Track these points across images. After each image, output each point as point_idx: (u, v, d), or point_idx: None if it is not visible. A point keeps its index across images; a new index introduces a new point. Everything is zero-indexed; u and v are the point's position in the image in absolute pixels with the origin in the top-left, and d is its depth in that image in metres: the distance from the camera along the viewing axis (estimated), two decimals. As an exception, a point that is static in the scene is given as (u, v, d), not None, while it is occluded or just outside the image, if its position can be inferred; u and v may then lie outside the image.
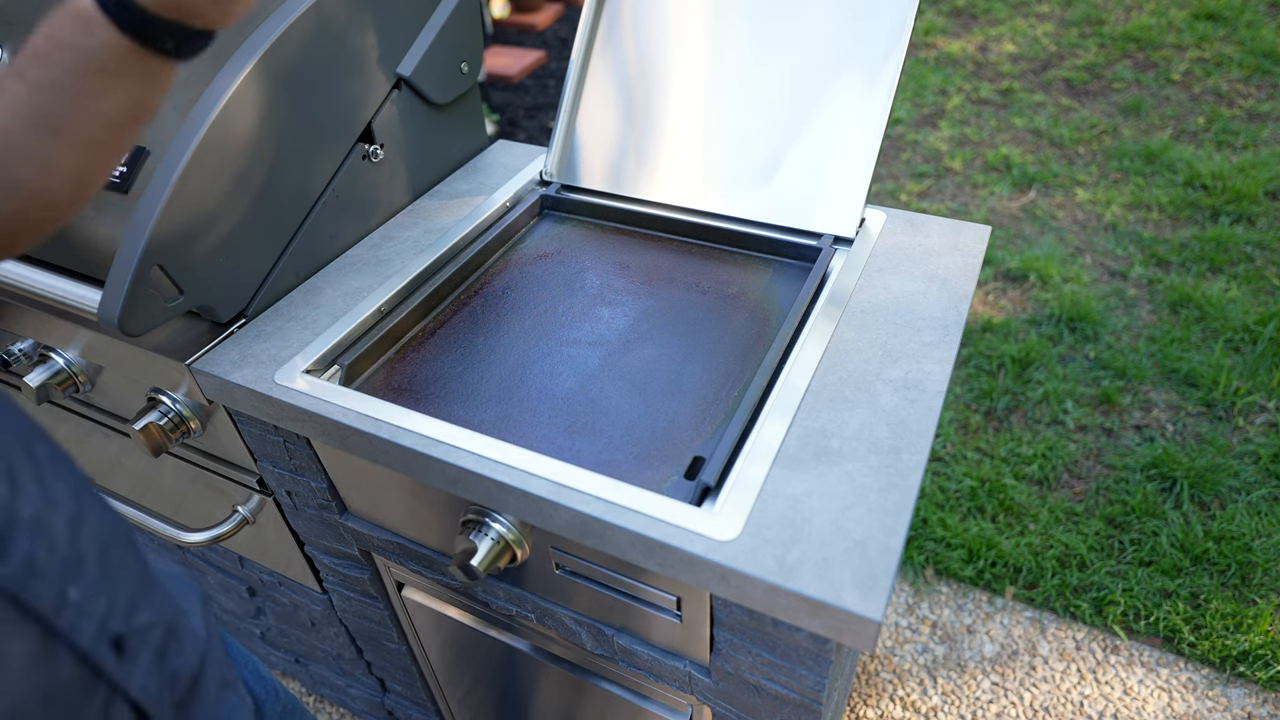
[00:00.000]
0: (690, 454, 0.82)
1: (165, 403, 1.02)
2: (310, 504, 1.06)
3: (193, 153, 0.85)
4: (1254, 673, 1.59)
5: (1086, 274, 2.58)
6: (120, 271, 0.83)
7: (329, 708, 1.67)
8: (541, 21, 4.37)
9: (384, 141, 1.12)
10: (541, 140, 3.45)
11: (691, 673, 0.86)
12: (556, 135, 1.19)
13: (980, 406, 2.17)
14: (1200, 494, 1.89)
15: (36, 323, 1.06)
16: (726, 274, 1.06)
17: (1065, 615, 1.72)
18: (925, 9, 4.42)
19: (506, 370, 0.94)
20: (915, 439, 0.78)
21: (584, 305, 1.03)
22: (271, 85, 0.92)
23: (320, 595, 1.26)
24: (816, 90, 1.05)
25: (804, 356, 0.87)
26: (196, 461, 1.14)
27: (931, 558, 1.83)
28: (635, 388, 0.91)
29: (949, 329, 0.91)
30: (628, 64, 1.15)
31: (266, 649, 1.62)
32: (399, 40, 1.10)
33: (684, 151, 1.12)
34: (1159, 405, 2.14)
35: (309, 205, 1.04)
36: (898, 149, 3.31)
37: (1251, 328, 2.30)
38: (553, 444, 0.85)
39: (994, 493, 1.94)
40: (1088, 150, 3.19)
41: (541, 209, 1.20)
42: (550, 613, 0.93)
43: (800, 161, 1.05)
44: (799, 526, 0.70)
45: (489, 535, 0.84)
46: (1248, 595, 1.71)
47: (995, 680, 1.63)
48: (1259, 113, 3.31)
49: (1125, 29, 3.99)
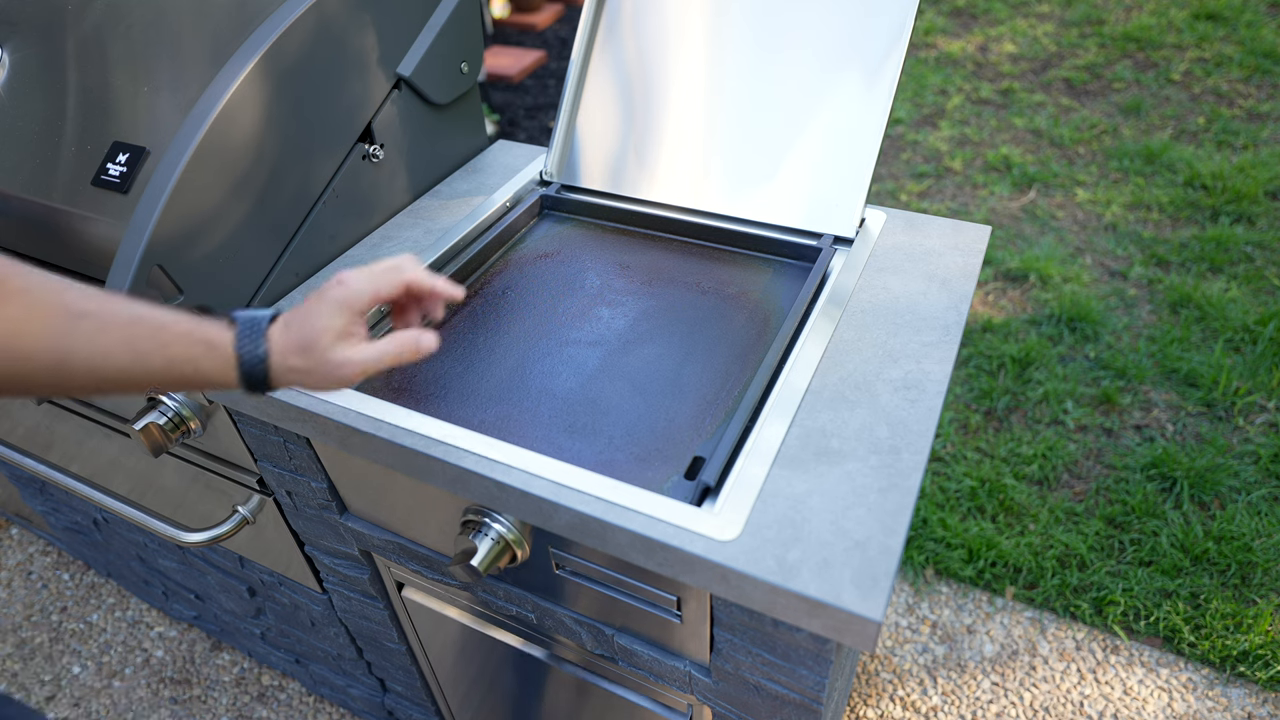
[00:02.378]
0: (690, 454, 0.82)
1: (165, 403, 1.02)
2: (310, 504, 1.06)
3: (193, 153, 0.85)
4: (1254, 673, 1.59)
5: (1086, 274, 2.58)
6: (120, 271, 0.83)
7: (329, 708, 1.67)
8: (541, 21, 4.37)
9: (384, 141, 1.12)
10: (541, 140, 3.45)
11: (691, 673, 0.86)
12: (556, 135, 1.19)
13: (980, 406, 2.17)
14: (1200, 494, 1.89)
15: (36, 323, 1.06)
16: (726, 274, 1.06)
17: (1065, 615, 1.72)
18: (925, 9, 4.42)
19: (506, 370, 0.94)
20: (915, 439, 0.78)
21: (584, 305, 1.03)
22: (271, 85, 0.92)
23: (320, 595, 1.26)
24: (817, 90, 1.05)
25: (804, 356, 0.87)
26: (196, 461, 1.14)
27: (931, 558, 1.83)
28: (635, 388, 0.91)
29: (949, 329, 0.91)
30: (628, 64, 1.15)
31: (267, 649, 1.62)
32: (399, 40, 1.10)
33: (684, 151, 1.12)
34: (1159, 405, 2.14)
35: (309, 205, 1.04)
36: (898, 149, 3.31)
37: (1251, 328, 2.30)
38: (553, 444, 0.85)
39: (994, 493, 1.94)
40: (1088, 150, 3.19)
41: (541, 209, 1.20)
42: (550, 613, 0.93)
43: (800, 161, 1.05)
44: (799, 526, 0.70)
45: (489, 535, 0.84)
46: (1248, 595, 1.71)
47: (995, 680, 1.63)
48: (1259, 113, 3.31)
49: (1125, 29, 3.99)
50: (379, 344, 0.68)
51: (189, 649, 1.79)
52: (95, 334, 0.57)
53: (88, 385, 0.58)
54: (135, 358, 0.58)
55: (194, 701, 1.69)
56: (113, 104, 0.97)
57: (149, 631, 1.83)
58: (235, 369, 0.63)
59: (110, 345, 0.57)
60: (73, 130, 0.98)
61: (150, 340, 0.59)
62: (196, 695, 1.70)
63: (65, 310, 0.56)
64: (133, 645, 1.80)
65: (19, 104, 1.03)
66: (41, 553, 2.02)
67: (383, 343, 0.68)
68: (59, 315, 0.56)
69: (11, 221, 1.02)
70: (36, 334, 0.55)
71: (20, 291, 0.55)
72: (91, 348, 0.57)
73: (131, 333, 0.58)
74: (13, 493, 1.79)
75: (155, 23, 0.99)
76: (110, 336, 0.57)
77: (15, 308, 0.54)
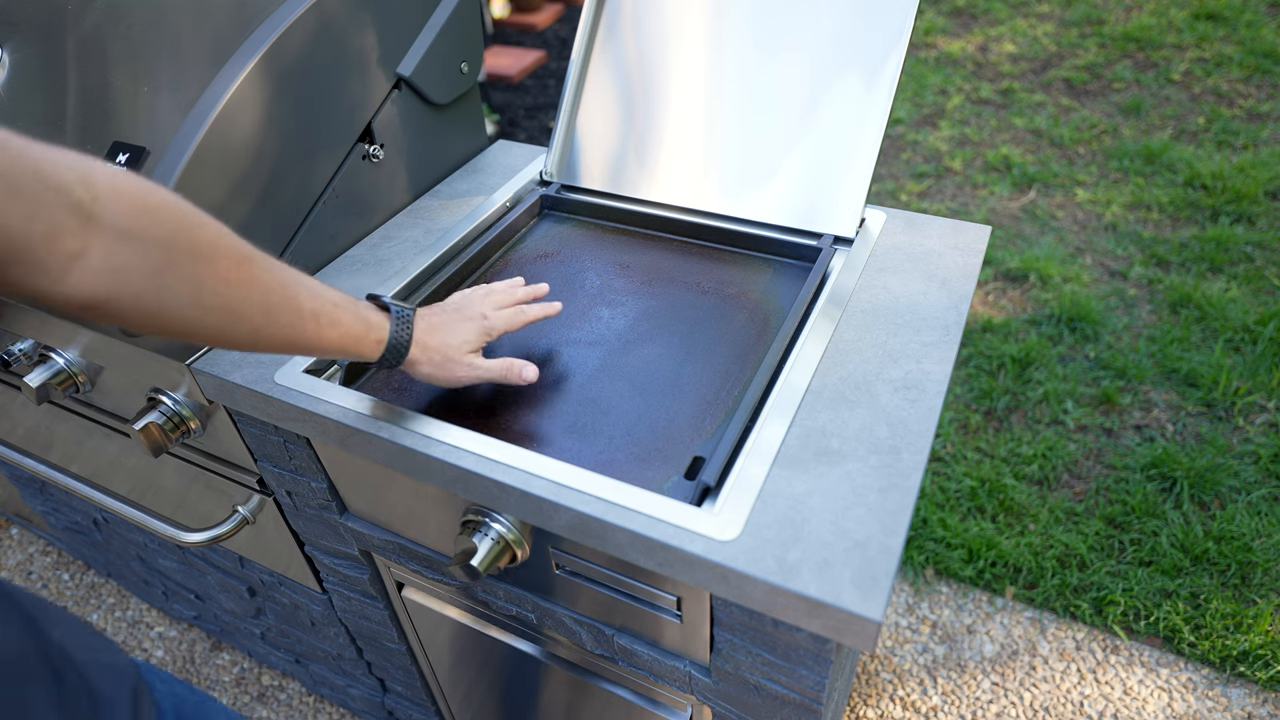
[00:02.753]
0: (690, 454, 0.82)
1: (165, 403, 1.02)
2: (310, 504, 1.06)
3: (193, 153, 0.85)
4: (1254, 673, 1.59)
5: (1086, 274, 2.58)
6: (120, 271, 0.83)
7: (329, 708, 1.67)
8: (541, 21, 4.37)
9: (384, 141, 1.12)
10: (541, 140, 3.45)
11: (691, 673, 0.86)
12: (556, 135, 1.19)
13: (980, 406, 2.17)
14: (1200, 494, 1.89)
15: (37, 323, 1.06)
16: (726, 274, 1.06)
17: (1065, 615, 1.72)
18: (925, 9, 4.42)
19: (506, 370, 0.94)
20: (915, 439, 0.78)
21: (584, 305, 1.03)
22: (271, 85, 0.92)
23: (320, 595, 1.26)
24: (817, 90, 1.05)
25: (804, 356, 0.87)
26: (196, 461, 1.14)
27: (931, 558, 1.83)
28: (635, 388, 0.91)
29: (949, 329, 0.90)
30: (628, 64, 1.15)
31: (267, 649, 1.62)
32: (399, 40, 1.10)
33: (684, 151, 1.12)
34: (1159, 405, 2.14)
35: (309, 205, 1.04)
36: (898, 149, 3.31)
37: (1251, 328, 2.30)
38: (553, 444, 0.85)
39: (994, 493, 1.94)
40: (1088, 150, 3.20)
41: (541, 209, 1.20)
42: (550, 613, 0.93)
43: (801, 161, 1.05)
44: (799, 526, 0.70)
45: (489, 535, 0.84)
46: (1248, 595, 1.71)
47: (995, 680, 1.63)
48: (1259, 113, 3.31)
49: (1125, 29, 3.99)
50: (491, 362, 0.85)
51: (189, 649, 1.79)
52: (310, 326, 0.69)
53: (279, 349, 0.70)
54: (319, 332, 0.70)
55: (194, 701, 1.69)
56: (113, 104, 0.97)
57: (149, 631, 1.83)
58: (383, 348, 0.77)
59: (309, 330, 0.69)
60: (73, 130, 0.98)
61: (329, 317, 0.71)
62: (196, 695, 1.70)
63: (299, 312, 0.68)
64: (133, 645, 1.80)
65: (19, 104, 1.03)
66: (41, 553, 2.02)
67: (494, 362, 0.86)
68: (294, 316, 0.68)
69: (11, 221, 1.02)
70: (273, 337, 0.67)
71: (268, 309, 0.66)
72: (299, 334, 0.69)
73: (326, 315, 0.71)
74: (13, 493, 1.79)
75: (155, 23, 0.99)
76: (316, 322, 0.70)
77: (260, 315, 0.66)
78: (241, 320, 0.64)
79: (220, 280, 0.61)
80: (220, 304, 0.62)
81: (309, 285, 0.70)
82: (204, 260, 0.60)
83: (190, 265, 0.59)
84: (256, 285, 0.64)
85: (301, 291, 0.68)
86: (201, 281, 0.60)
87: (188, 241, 0.59)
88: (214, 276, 0.61)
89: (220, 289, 0.61)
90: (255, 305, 0.64)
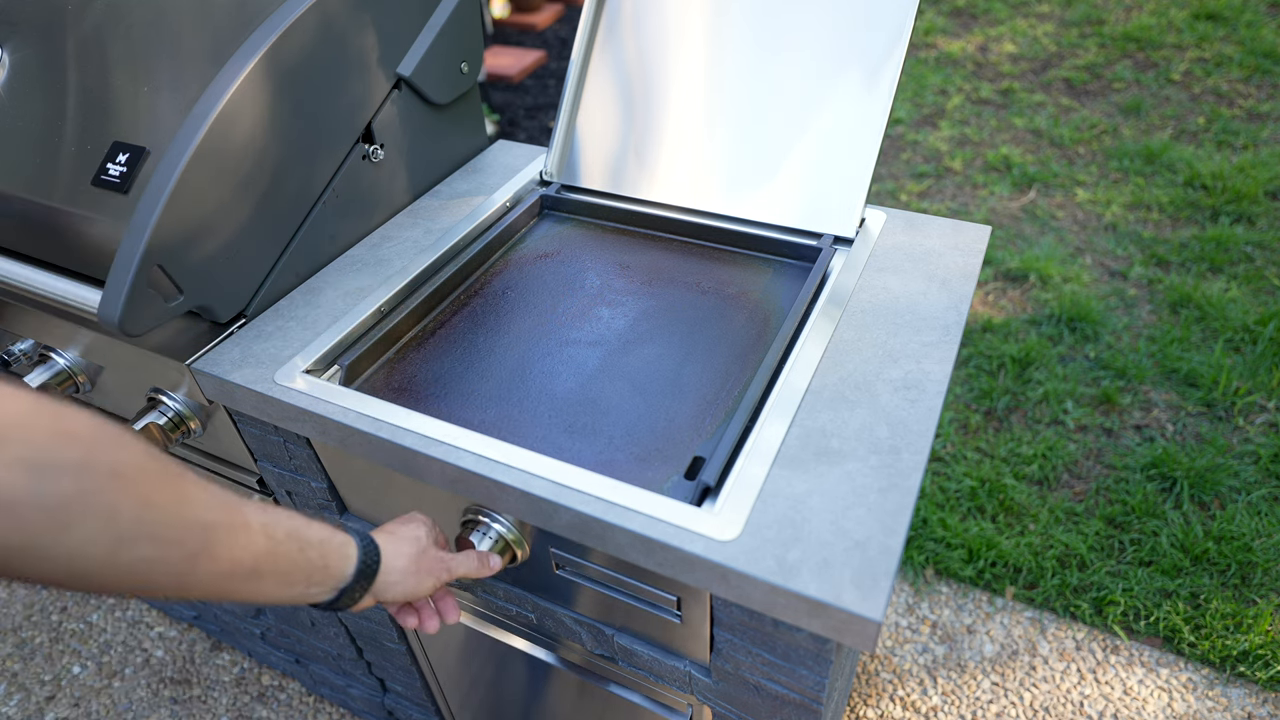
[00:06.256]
0: (690, 454, 0.82)
1: (165, 403, 1.02)
2: (310, 504, 1.06)
3: (193, 153, 0.85)
4: (1254, 673, 1.59)
5: (1086, 274, 2.58)
6: (120, 271, 0.83)
7: (329, 708, 1.67)
8: (541, 21, 4.37)
9: (384, 141, 1.12)
10: (541, 140, 3.45)
11: (691, 673, 0.86)
12: (556, 135, 1.19)
13: (980, 406, 2.17)
14: (1200, 494, 1.89)
15: (37, 323, 1.06)
16: (726, 274, 1.06)
17: (1065, 615, 1.72)
18: (925, 9, 4.42)
19: (506, 370, 0.94)
20: (915, 439, 0.78)
21: (584, 305, 1.03)
22: (272, 85, 0.92)
23: (320, 595, 1.26)
24: (817, 90, 1.05)
25: (804, 356, 0.87)
26: (196, 461, 1.14)
27: (931, 558, 1.83)
28: (635, 388, 0.91)
29: (949, 329, 0.90)
30: (628, 64, 1.15)
31: (266, 649, 1.62)
32: (399, 40, 1.10)
33: (684, 151, 1.12)
34: (1159, 405, 2.14)
35: (309, 205, 1.04)
36: (898, 149, 3.31)
37: (1251, 328, 2.30)
38: (553, 444, 0.85)
39: (994, 493, 1.94)
40: (1088, 150, 3.19)
41: (541, 209, 1.20)
42: (550, 613, 0.93)
43: (800, 161, 1.05)
44: (799, 526, 0.70)
45: (489, 535, 0.84)
46: (1248, 595, 1.71)
47: (995, 680, 1.63)
48: (1259, 113, 3.31)
49: (1125, 29, 3.99)
50: (455, 566, 0.78)
51: (189, 649, 1.79)
52: (270, 580, 0.62)
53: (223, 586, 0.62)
54: (287, 574, 0.64)
55: (194, 701, 1.69)
56: (113, 104, 0.97)
57: (149, 631, 1.83)
58: (348, 579, 0.69)
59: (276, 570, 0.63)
60: (73, 130, 0.98)
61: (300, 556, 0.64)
62: (196, 695, 1.70)
63: (254, 571, 0.60)
64: (133, 645, 1.80)
65: (19, 104, 1.03)
66: (41, 553, 2.01)
67: (460, 557, 0.79)
68: (246, 573, 0.60)
69: (12, 221, 1.02)
70: (218, 586, 0.58)
71: (220, 561, 0.57)
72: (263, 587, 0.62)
73: (296, 558, 0.64)
74: (13, 493, 1.79)
75: (155, 23, 0.99)
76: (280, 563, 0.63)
77: (220, 564, 0.57)
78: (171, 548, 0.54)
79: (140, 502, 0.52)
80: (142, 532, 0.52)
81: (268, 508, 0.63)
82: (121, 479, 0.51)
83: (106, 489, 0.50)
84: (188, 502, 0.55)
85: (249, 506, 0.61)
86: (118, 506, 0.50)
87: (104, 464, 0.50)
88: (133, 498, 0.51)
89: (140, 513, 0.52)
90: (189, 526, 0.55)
